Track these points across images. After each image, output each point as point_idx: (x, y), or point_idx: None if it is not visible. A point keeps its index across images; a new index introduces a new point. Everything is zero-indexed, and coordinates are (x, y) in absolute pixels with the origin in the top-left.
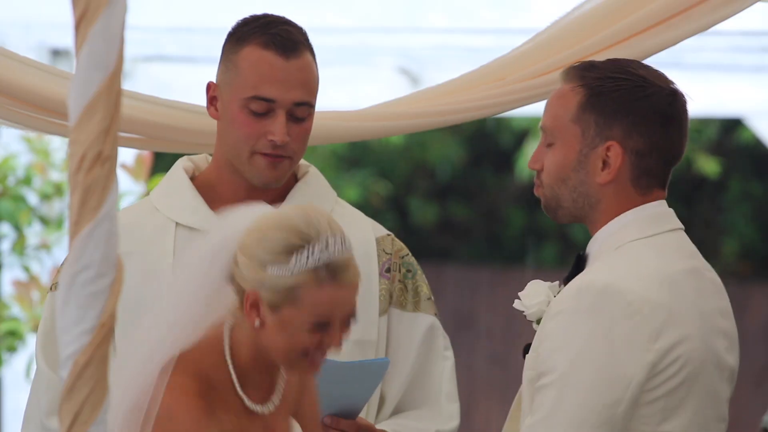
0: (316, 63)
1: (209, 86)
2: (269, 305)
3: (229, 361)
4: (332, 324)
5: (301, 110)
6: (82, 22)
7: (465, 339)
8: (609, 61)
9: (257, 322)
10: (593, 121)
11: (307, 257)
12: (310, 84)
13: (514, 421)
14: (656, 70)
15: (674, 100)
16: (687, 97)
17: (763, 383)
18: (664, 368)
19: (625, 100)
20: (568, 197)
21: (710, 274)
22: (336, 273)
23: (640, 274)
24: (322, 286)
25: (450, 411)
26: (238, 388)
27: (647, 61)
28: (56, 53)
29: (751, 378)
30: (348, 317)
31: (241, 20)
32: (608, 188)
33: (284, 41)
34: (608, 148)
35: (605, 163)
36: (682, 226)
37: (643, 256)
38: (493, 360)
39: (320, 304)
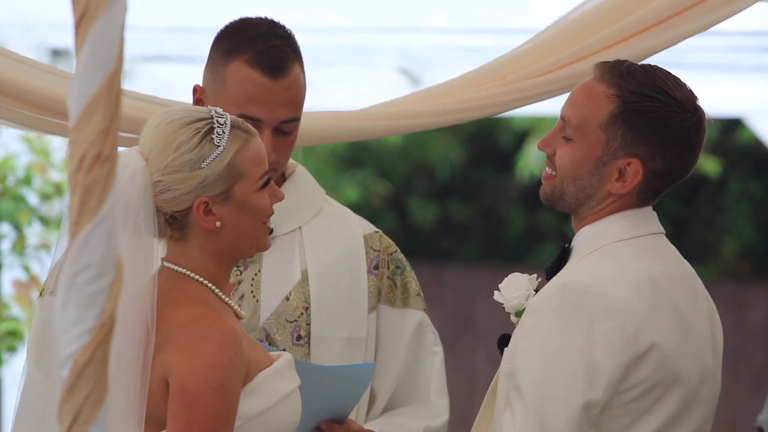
0: (303, 70)
1: (195, 89)
2: (221, 198)
3: (201, 279)
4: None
5: (288, 126)
6: (82, 22)
7: (465, 339)
8: (646, 72)
9: (217, 223)
10: (621, 135)
11: (222, 126)
12: (297, 100)
13: (487, 412)
14: (687, 89)
15: (700, 126)
16: (708, 120)
17: (763, 383)
18: (637, 371)
19: (657, 123)
20: (573, 195)
21: (689, 278)
22: (247, 127)
23: (620, 276)
24: (248, 141)
25: (439, 407)
26: (224, 298)
27: (647, 61)
28: (56, 53)
29: (750, 378)
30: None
31: (230, 26)
32: (615, 196)
33: (271, 60)
34: (629, 163)
35: (621, 174)
36: (663, 230)
37: (625, 259)
38: (492, 360)
39: (257, 156)
